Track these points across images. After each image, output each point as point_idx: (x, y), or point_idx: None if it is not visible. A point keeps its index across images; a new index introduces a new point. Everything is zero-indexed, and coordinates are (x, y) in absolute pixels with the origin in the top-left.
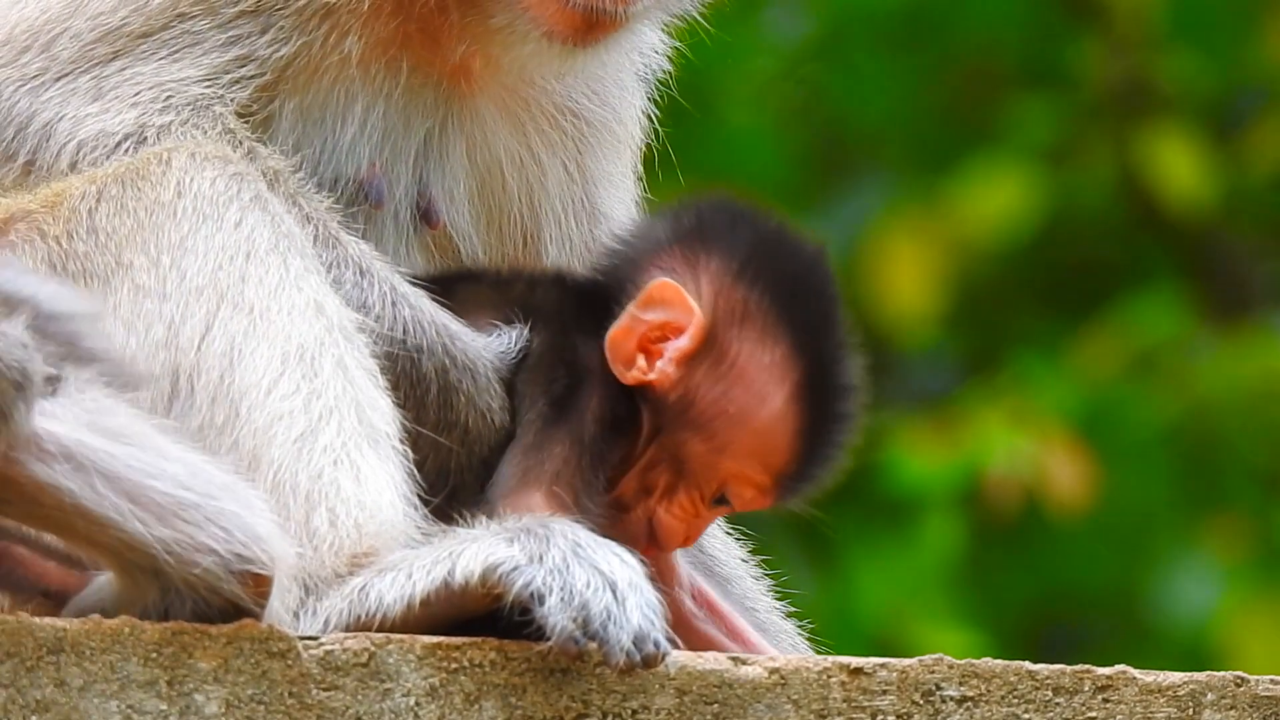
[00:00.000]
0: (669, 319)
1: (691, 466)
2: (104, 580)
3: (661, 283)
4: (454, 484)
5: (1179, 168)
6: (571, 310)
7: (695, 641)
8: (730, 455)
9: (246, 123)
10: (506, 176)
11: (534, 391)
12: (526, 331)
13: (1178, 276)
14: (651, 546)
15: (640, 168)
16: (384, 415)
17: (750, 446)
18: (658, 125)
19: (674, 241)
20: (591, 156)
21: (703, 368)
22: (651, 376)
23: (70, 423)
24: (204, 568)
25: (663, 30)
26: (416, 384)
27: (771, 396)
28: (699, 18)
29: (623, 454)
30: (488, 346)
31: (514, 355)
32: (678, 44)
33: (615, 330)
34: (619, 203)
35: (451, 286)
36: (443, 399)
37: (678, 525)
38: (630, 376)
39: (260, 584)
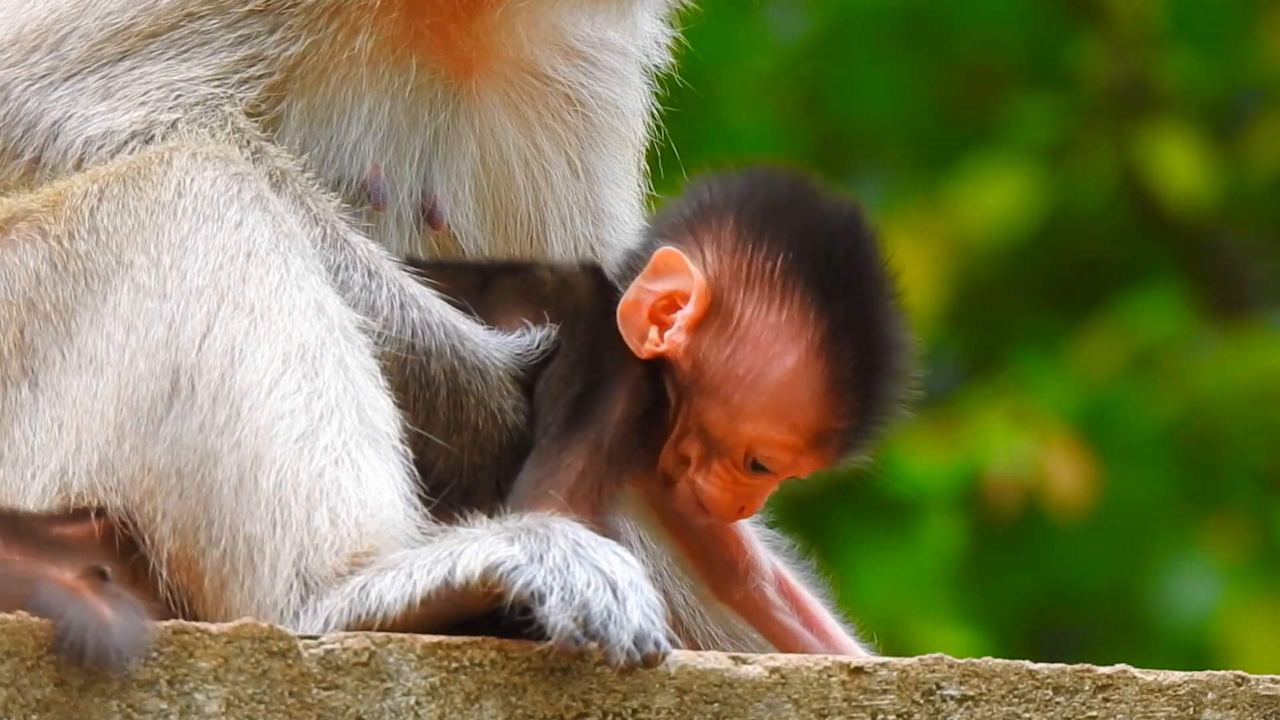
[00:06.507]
0: (675, 288)
1: (714, 434)
2: None
3: (665, 251)
4: (466, 484)
5: (1179, 167)
6: (600, 306)
7: (773, 632)
8: (746, 419)
9: (256, 122)
10: (514, 173)
11: (551, 396)
12: (555, 331)
13: (1177, 275)
14: (705, 516)
15: (644, 165)
16: (385, 415)
17: (765, 409)
18: (659, 122)
19: (690, 213)
20: (595, 153)
21: (710, 333)
22: (663, 348)
23: None
24: None
25: (665, 24)
26: (426, 386)
27: (781, 357)
28: (701, 12)
29: (657, 429)
30: (500, 346)
31: (536, 355)
32: (679, 36)
33: (624, 303)
34: (623, 201)
35: (487, 279)
36: (452, 400)
37: (720, 494)
38: (644, 350)
39: None
